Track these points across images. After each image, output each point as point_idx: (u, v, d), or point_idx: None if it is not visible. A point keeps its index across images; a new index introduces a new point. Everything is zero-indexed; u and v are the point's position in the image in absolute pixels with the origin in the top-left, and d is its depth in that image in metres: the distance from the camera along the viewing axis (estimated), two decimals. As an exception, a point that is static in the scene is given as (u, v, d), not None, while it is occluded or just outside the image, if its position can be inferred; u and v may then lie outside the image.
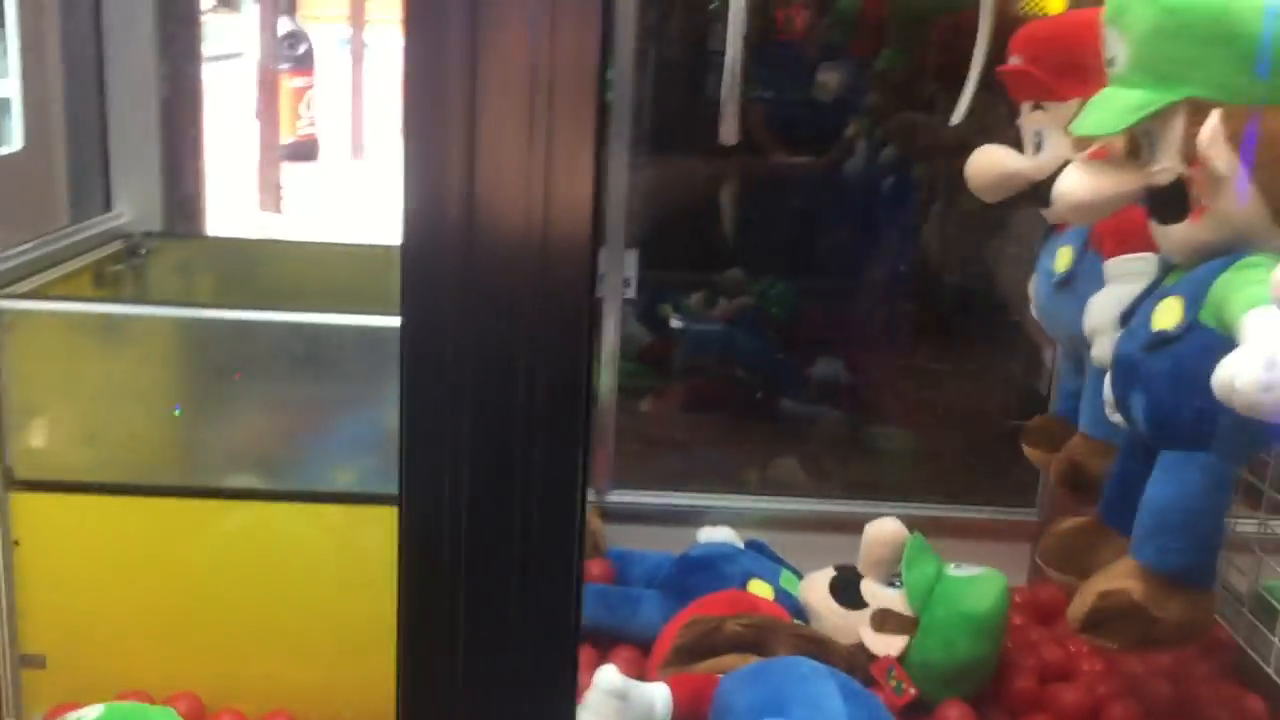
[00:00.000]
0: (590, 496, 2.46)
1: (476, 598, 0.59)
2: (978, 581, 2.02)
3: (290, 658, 1.80)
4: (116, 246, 2.34)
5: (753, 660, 1.78)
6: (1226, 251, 1.50)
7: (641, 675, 1.79)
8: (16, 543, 1.78)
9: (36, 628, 1.81)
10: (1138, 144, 1.59)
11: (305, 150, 8.92)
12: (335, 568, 1.81)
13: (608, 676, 1.56)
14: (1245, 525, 1.69)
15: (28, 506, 1.78)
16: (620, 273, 2.52)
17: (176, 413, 1.89)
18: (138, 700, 1.64)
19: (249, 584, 1.80)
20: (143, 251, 2.38)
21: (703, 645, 1.84)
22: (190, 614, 1.81)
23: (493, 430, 0.58)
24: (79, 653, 1.80)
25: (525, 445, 0.58)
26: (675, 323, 3.31)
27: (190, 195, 2.65)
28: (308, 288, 2.41)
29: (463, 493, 0.58)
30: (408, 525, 0.59)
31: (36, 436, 1.79)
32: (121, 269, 2.32)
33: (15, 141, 3.11)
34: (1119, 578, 1.58)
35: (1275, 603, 1.58)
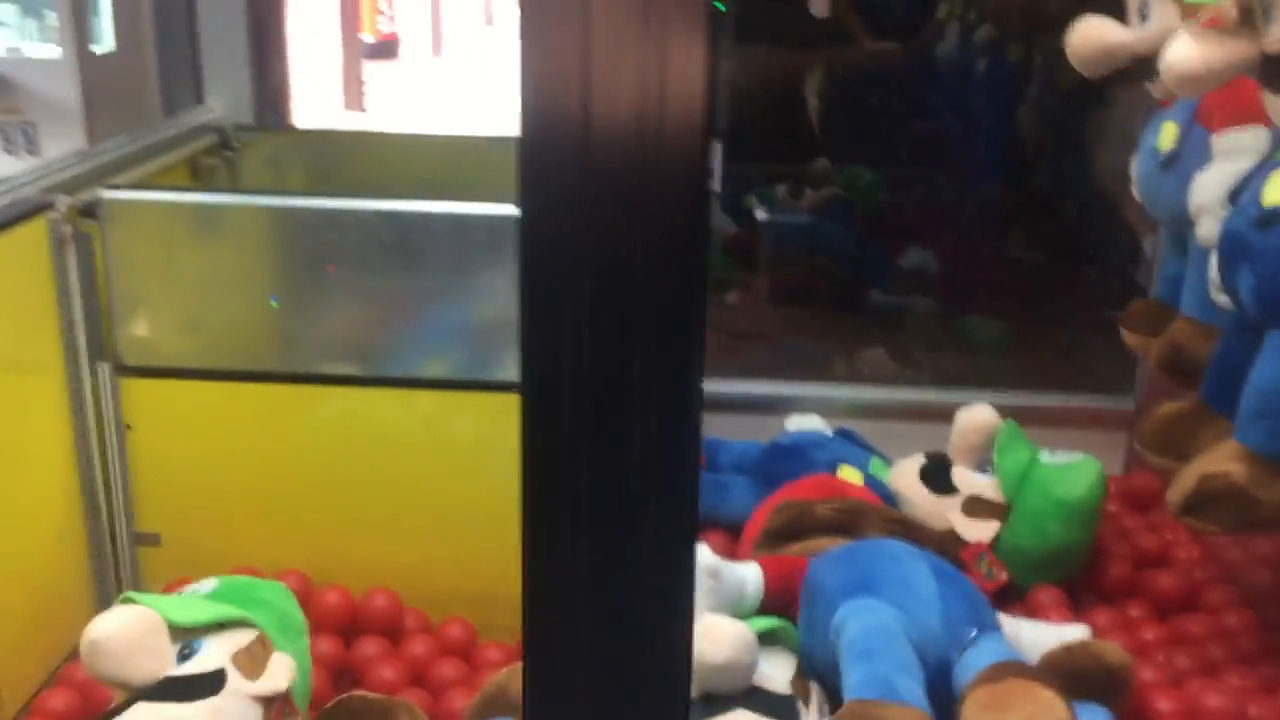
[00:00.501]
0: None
1: (598, 481, 0.60)
2: (1072, 468, 2.00)
3: (389, 538, 1.85)
4: (210, 140, 2.38)
5: (843, 543, 1.79)
6: (1347, 122, 1.43)
7: (732, 559, 1.81)
8: (129, 427, 1.84)
9: (150, 508, 1.88)
10: (1251, 10, 1.52)
11: (386, 49, 8.91)
12: (430, 452, 1.85)
13: (701, 555, 1.58)
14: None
15: (137, 392, 1.84)
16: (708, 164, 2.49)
17: (274, 304, 1.92)
18: (249, 576, 1.70)
19: (348, 467, 1.84)
20: (235, 144, 2.41)
21: (793, 528, 1.86)
22: (294, 496, 1.86)
23: (610, 319, 0.59)
24: (190, 531, 1.88)
25: (643, 334, 0.59)
26: (761, 214, 3.27)
27: (278, 90, 2.67)
28: (397, 177, 2.43)
29: (582, 381, 0.59)
30: (529, 412, 0.60)
31: (142, 325, 1.84)
32: (215, 161, 2.36)
33: (108, 41, 3.16)
34: (1222, 460, 1.56)
35: (1384, 487, 1.54)
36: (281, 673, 1.41)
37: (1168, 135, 1.88)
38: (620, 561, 0.61)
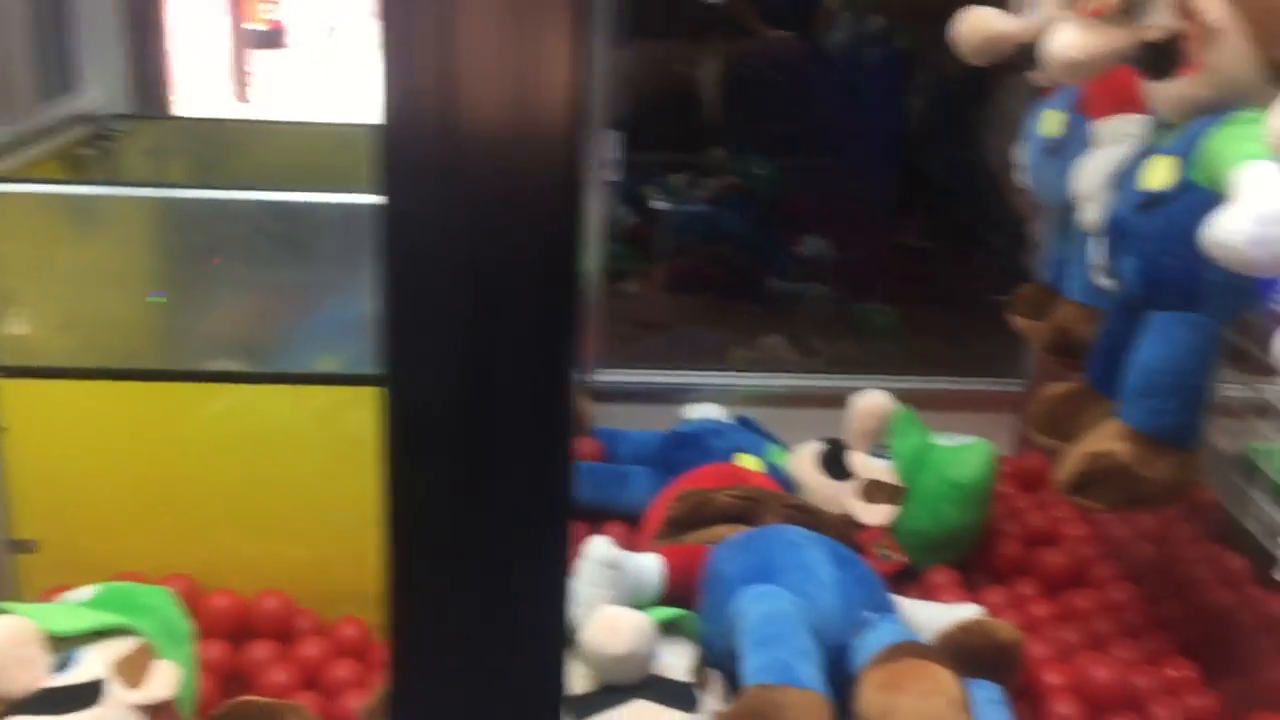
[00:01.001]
0: (577, 376, 2.47)
1: (465, 481, 0.58)
2: (965, 450, 2.04)
3: (279, 537, 1.81)
4: (85, 130, 2.29)
5: (743, 531, 1.80)
6: (1219, 108, 1.48)
7: (632, 549, 1.81)
8: (4, 429, 1.76)
9: (27, 513, 1.80)
10: (1130, 0, 1.56)
11: (273, 38, 8.70)
12: (320, 448, 1.81)
13: (599, 546, 1.57)
14: (1231, 389, 1.70)
15: (13, 393, 1.76)
16: (602, 154, 2.48)
17: (158, 298, 1.86)
18: (132, 581, 1.64)
19: (236, 466, 1.79)
20: (111, 134, 2.32)
21: (694, 516, 1.86)
22: (179, 498, 1.80)
23: (478, 313, 0.56)
24: (71, 537, 1.80)
25: (512, 327, 0.56)
26: (659, 204, 3.27)
27: (157, 78, 2.58)
28: (284, 167, 2.36)
29: (449, 376, 0.56)
30: (393, 408, 0.58)
31: (16, 323, 1.77)
32: (91, 151, 2.27)
33: (-27, 25, 3.01)
34: (1106, 439, 1.59)
35: (1259, 463, 1.60)
36: (165, 681, 1.36)
37: (1051, 122, 1.92)
38: (489, 566, 0.59)
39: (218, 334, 1.86)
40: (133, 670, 1.37)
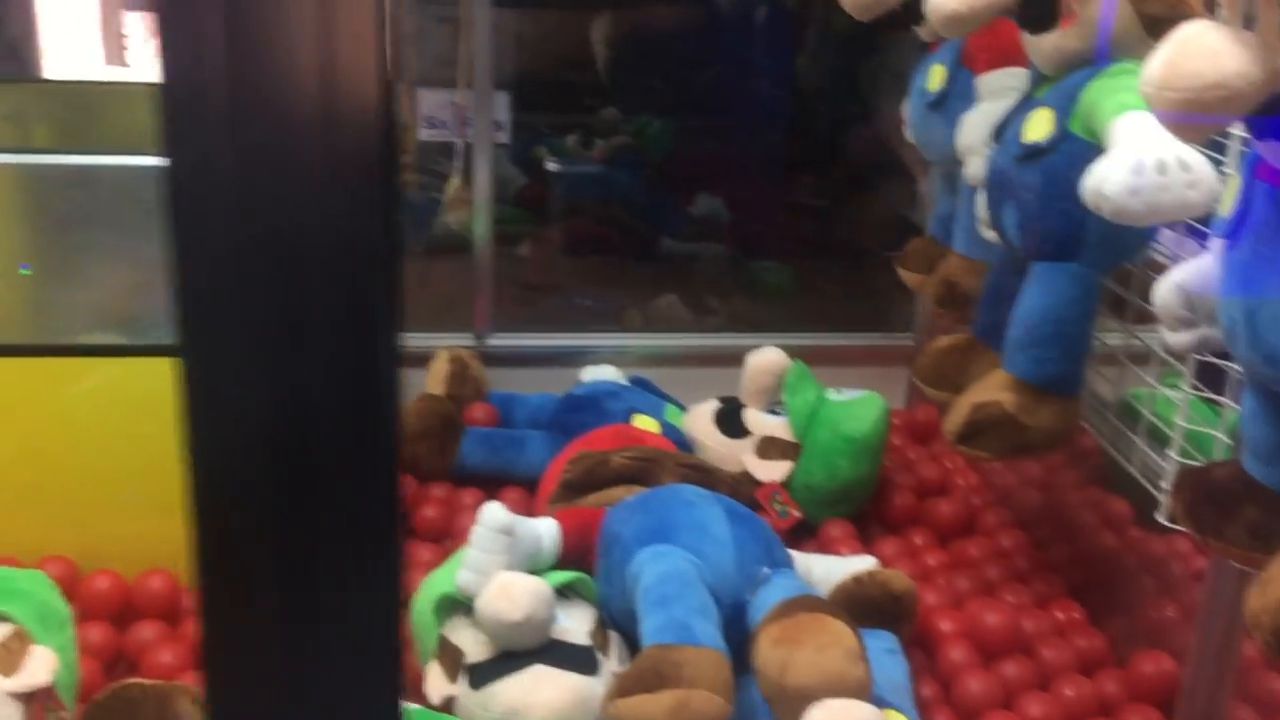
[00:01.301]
0: (469, 341, 2.44)
1: (274, 469, 0.53)
2: (857, 405, 2.06)
3: (163, 515, 1.71)
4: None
5: (639, 492, 1.79)
6: (1096, 60, 1.50)
7: (530, 514, 1.79)
8: None
9: (-110, 498, 1.72)
10: (1010, -47, 1.57)
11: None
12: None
13: (492, 513, 1.55)
14: (1111, 337, 1.74)
15: None
16: (489, 115, 2.43)
17: (23, 271, 1.78)
18: (4, 566, 1.57)
19: (114, 443, 1.72)
20: (-31, 98, 2.21)
21: (589, 479, 1.85)
22: (54, 477, 1.73)
23: (277, 286, 0.51)
24: (-62, 522, 1.73)
25: (319, 299, 0.51)
26: (551, 165, 3.23)
27: (22, 39, 2.46)
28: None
29: (254, 353, 0.51)
30: (189, 387, 0.52)
31: None
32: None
33: None
34: (991, 390, 1.62)
35: (1140, 408, 1.64)
36: (41, 667, 1.31)
37: (935, 77, 1.94)
38: (306, 561, 0.54)
39: (91, 306, 1.78)
40: (7, 657, 1.32)
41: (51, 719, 1.33)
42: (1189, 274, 1.28)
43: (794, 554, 1.73)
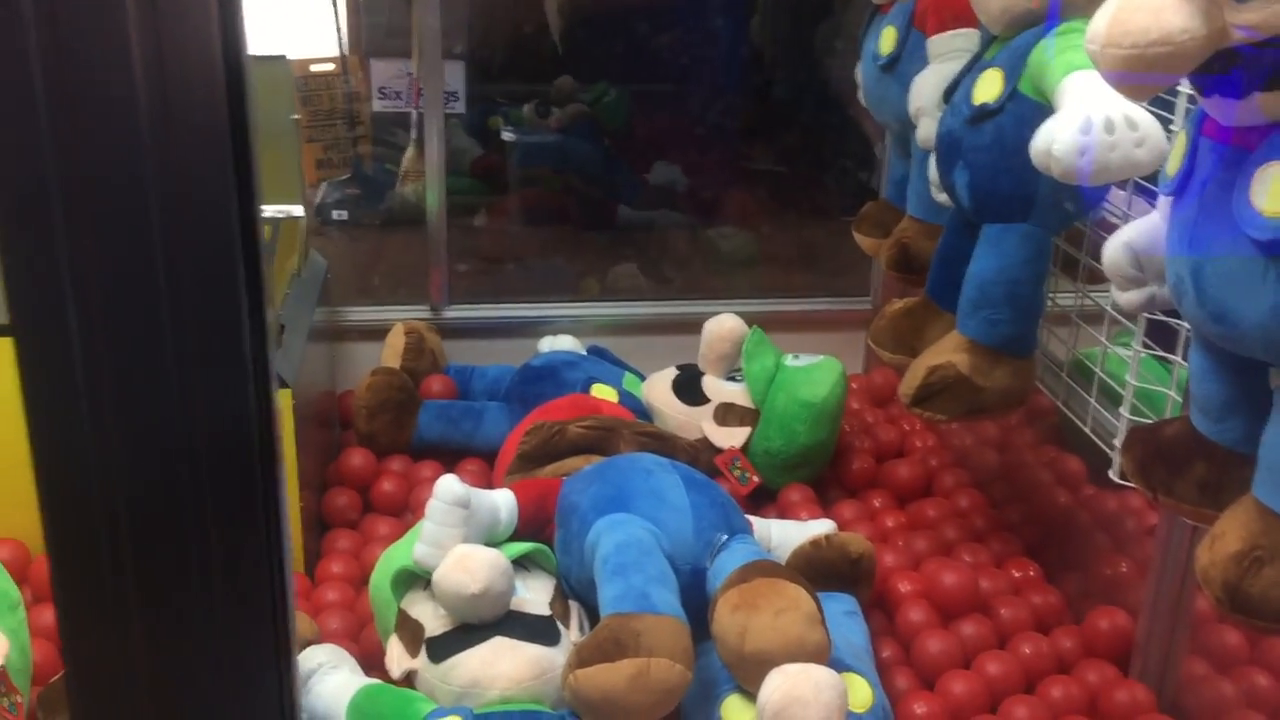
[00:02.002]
0: (426, 313, 2.42)
1: (124, 455, 0.49)
2: (815, 370, 2.06)
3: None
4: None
5: (596, 461, 1.79)
6: (1047, 20, 1.49)
7: (490, 486, 1.78)
8: None
9: None
10: (958, -88, 1.56)
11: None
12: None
13: (447, 486, 1.54)
14: (1064, 298, 1.75)
15: None
16: (442, 85, 2.40)
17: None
18: (-46, 550, 1.55)
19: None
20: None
21: (546, 449, 1.84)
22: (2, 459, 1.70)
23: (122, 257, 0.47)
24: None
25: (166, 269, 0.48)
26: (507, 135, 3.20)
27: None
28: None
29: (95, 327, 0.48)
30: (29, 369, 0.49)
31: None
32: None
33: None
34: (946, 352, 1.62)
35: (1092, 367, 1.65)
36: (-9, 651, 1.29)
37: (887, 40, 1.93)
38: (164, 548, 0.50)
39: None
40: (-44, 643, 1.29)
41: (5, 703, 1.31)
42: (1137, 233, 1.29)
43: (752, 519, 1.74)
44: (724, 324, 2.13)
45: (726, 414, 2.07)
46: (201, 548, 0.51)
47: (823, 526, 1.78)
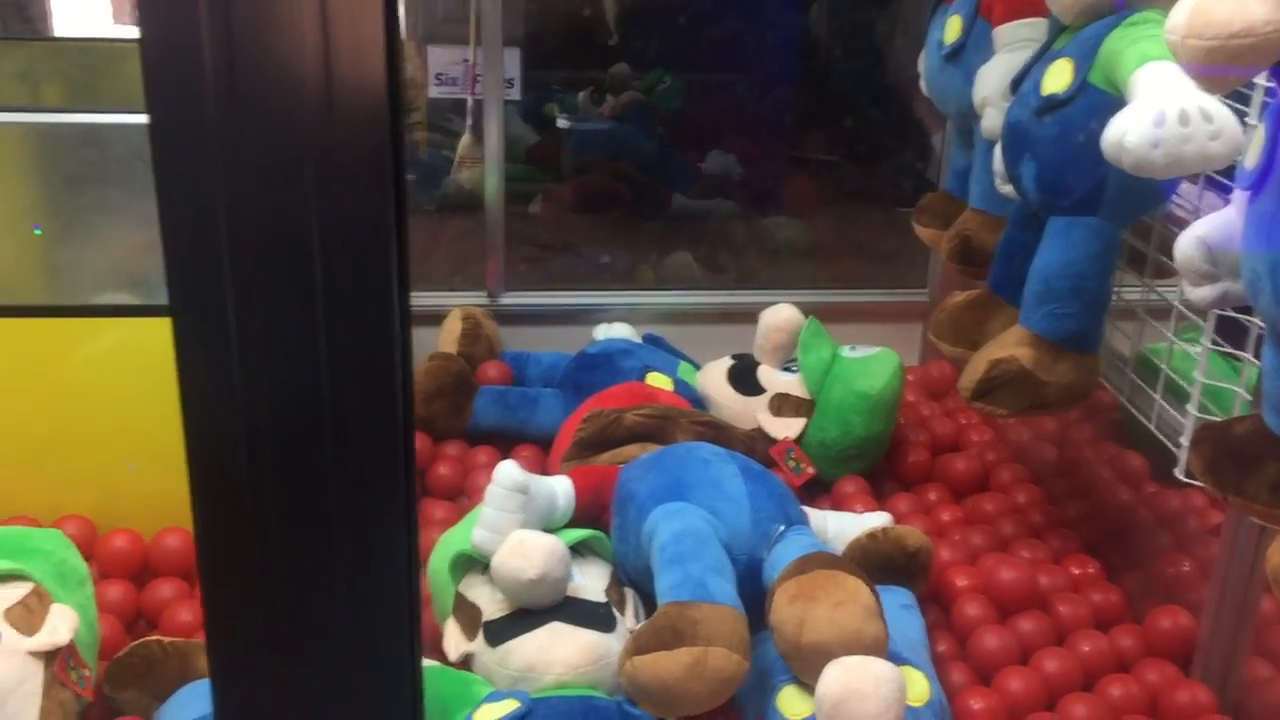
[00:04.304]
0: (482, 299, 2.43)
1: (273, 425, 0.51)
2: (871, 361, 2.05)
3: (179, 473, 1.74)
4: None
5: (653, 449, 1.79)
6: (1116, 9, 1.47)
7: (544, 473, 1.79)
8: (-124, 372, 1.68)
9: (-92, 458, 1.72)
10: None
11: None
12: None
13: (507, 471, 1.55)
14: (1130, 292, 1.72)
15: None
16: (500, 72, 2.41)
17: (36, 232, 1.77)
18: (22, 525, 1.58)
19: (129, 402, 1.72)
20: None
21: (603, 437, 1.84)
22: (71, 437, 1.74)
23: (280, 238, 0.49)
24: (-45, 482, 1.73)
25: (323, 257, 0.49)
26: (562, 122, 3.20)
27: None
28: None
29: (252, 308, 0.49)
30: (184, 347, 0.51)
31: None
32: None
33: None
34: (1008, 346, 1.61)
35: (1158, 363, 1.63)
36: (62, 625, 1.32)
37: (952, 29, 1.91)
38: (315, 519, 0.52)
39: (103, 266, 1.78)
40: (27, 616, 1.32)
41: (74, 676, 1.34)
42: (1211, 227, 1.26)
43: (809, 511, 1.73)
44: (780, 314, 2.13)
45: (782, 404, 2.06)
46: (343, 514, 0.53)
47: (879, 519, 1.77)
